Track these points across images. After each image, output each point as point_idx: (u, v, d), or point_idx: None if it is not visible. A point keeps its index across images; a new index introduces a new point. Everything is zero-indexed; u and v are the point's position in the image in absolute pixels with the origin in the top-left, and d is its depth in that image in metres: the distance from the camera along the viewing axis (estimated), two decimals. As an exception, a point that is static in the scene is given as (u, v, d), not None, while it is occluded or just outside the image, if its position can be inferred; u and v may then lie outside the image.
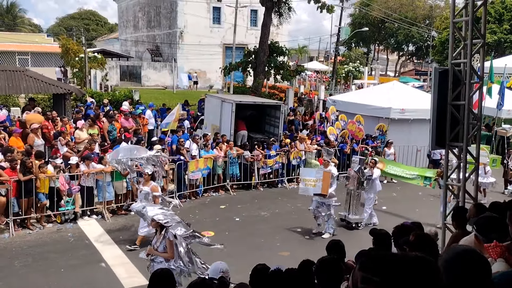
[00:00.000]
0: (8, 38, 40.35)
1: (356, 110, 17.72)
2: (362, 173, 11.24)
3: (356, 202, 11.26)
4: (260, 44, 23.92)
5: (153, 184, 9.42)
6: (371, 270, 1.68)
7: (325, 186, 10.28)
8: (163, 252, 6.55)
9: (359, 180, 11.16)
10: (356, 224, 11.21)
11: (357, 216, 11.27)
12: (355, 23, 53.61)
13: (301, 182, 11.12)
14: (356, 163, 11.58)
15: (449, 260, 2.03)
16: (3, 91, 15.34)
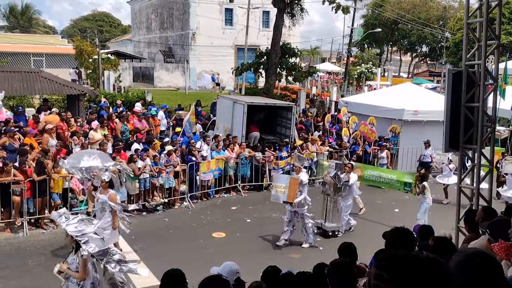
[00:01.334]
0: (23, 40, 40.95)
1: (368, 111, 17.62)
2: (339, 178, 10.70)
3: (332, 209, 10.73)
4: (272, 46, 23.92)
5: (111, 193, 8.56)
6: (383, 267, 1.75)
7: (291, 194, 9.71)
8: (75, 271, 5.81)
9: (335, 186, 10.65)
10: (332, 232, 10.66)
11: (333, 224, 10.73)
12: (368, 24, 53.27)
13: (273, 188, 10.53)
14: (332, 168, 11.03)
15: (460, 263, 2.03)
16: (19, 92, 15.57)
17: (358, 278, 3.63)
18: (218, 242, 10.26)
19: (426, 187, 10.76)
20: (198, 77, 40.29)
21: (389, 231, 4.87)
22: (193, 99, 24.57)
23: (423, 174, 11.07)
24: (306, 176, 10.52)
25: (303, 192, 9.90)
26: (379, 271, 1.76)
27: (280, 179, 10.32)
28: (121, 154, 12.10)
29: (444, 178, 13.87)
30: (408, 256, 1.82)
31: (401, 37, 55.73)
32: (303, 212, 9.92)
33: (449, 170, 13.82)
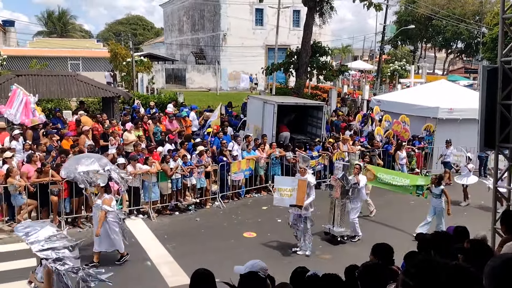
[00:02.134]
0: (61, 44, 42.34)
1: (402, 110, 17.29)
2: (347, 180, 10.15)
3: (340, 213, 10.21)
4: (302, 45, 23.82)
5: (105, 197, 8.70)
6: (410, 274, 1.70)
7: (300, 197, 9.32)
8: (40, 281, 5.63)
9: (343, 188, 10.11)
10: (341, 237, 10.24)
11: (342, 229, 10.24)
12: (401, 20, 52.26)
13: (276, 191, 10.04)
14: (339, 169, 10.46)
15: (496, 268, 1.96)
16: (56, 95, 16.11)
17: (390, 281, 3.57)
18: (249, 242, 10.32)
19: (446, 190, 10.47)
20: (230, 78, 40.57)
21: (429, 235, 4.74)
22: (224, 100, 24.75)
23: (439, 177, 10.69)
24: (313, 178, 10.15)
25: (311, 195, 9.54)
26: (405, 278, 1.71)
27: (284, 181, 9.96)
28: (153, 154, 12.34)
29: (463, 179, 13.47)
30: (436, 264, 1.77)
31: (436, 33, 54.35)
32: (307, 216, 9.52)
33: (467, 170, 13.42)
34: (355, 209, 10.52)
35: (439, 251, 4.19)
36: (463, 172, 13.60)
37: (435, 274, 1.65)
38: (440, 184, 10.40)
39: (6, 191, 10.24)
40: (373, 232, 10.67)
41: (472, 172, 13.47)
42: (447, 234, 4.36)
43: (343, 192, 10.13)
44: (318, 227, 10.41)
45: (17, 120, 12.68)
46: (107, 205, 8.60)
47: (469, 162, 13.62)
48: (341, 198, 10.17)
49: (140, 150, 12.44)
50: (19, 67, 33.53)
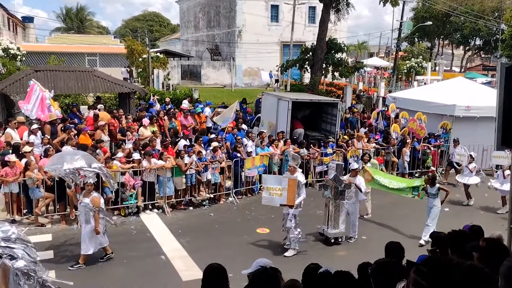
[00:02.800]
0: (78, 40, 42.87)
1: (418, 107, 17.11)
2: (339, 181, 9.83)
3: (335, 214, 9.90)
4: (317, 41, 23.73)
5: (94, 195, 8.52)
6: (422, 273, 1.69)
7: (291, 196, 9.09)
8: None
9: (336, 189, 9.80)
10: (335, 239, 9.95)
11: (336, 230, 9.90)
12: (418, 17, 51.57)
13: (264, 190, 9.72)
14: (332, 169, 10.11)
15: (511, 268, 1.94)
16: (73, 90, 16.33)
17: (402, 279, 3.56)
18: (262, 237, 10.35)
19: (443, 186, 10.33)
20: (245, 74, 40.61)
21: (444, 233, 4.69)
22: (239, 96, 24.81)
23: (432, 176, 10.39)
24: (303, 176, 9.78)
25: (302, 194, 9.32)
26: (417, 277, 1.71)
27: (273, 180, 9.65)
28: (168, 150, 12.44)
29: (464, 178, 13.30)
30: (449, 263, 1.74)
31: (453, 30, 53.56)
32: (294, 213, 9.32)
33: (469, 170, 13.22)
34: (355, 210, 10.38)
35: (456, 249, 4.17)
36: (465, 171, 13.44)
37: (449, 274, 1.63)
38: (435, 183, 10.11)
39: (25, 184, 10.44)
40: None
41: (474, 172, 13.20)
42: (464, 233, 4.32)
43: (336, 193, 9.83)
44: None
45: (33, 115, 12.88)
46: (97, 204, 8.44)
47: (471, 161, 13.34)
48: (335, 199, 9.88)
49: (154, 146, 12.55)
50: (37, 62, 34.04)
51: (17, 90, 15.34)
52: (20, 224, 10.64)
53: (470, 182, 13.14)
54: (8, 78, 16.23)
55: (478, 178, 13.31)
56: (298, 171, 9.50)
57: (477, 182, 13.20)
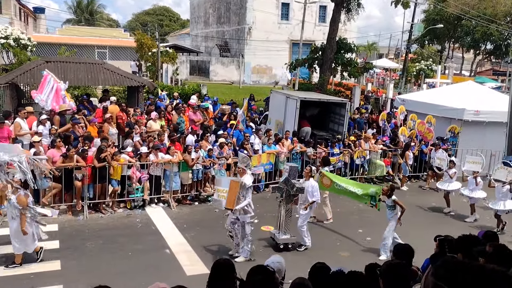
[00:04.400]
0: (88, 32, 43.00)
1: (426, 110, 17.04)
2: (291, 184, 9.30)
3: (285, 219, 9.44)
4: (327, 41, 23.67)
5: (20, 193, 7.95)
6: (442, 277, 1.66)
7: (231, 198, 8.66)
8: None
9: (287, 193, 9.34)
10: (285, 245, 9.43)
11: (286, 236, 9.47)
12: (429, 19, 51.23)
13: (215, 192, 9.43)
14: (286, 171, 9.61)
15: None
16: (83, 82, 16.39)
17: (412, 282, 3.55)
18: (266, 235, 10.35)
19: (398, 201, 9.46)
20: (253, 71, 40.60)
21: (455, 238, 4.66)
22: (246, 93, 24.81)
23: (391, 187, 9.67)
24: (251, 179, 9.05)
25: (247, 197, 8.72)
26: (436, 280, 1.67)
27: (222, 182, 9.26)
28: (175, 144, 12.48)
29: (444, 184, 12.86)
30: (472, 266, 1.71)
31: (464, 33, 53.14)
32: (244, 221, 8.80)
33: (449, 176, 12.79)
34: (303, 216, 9.71)
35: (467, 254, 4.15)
36: (445, 177, 13.04)
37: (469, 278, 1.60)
38: (392, 195, 9.45)
39: (32, 174, 10.49)
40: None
41: (455, 178, 12.76)
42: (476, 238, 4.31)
43: (288, 196, 9.37)
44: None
45: (48, 106, 12.96)
46: (23, 203, 7.89)
47: (451, 167, 12.88)
48: (286, 203, 9.40)
49: (162, 140, 12.60)
50: (48, 53, 34.21)
51: (28, 81, 15.44)
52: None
53: (449, 189, 12.67)
54: (19, 68, 16.32)
55: (459, 184, 12.80)
56: (247, 173, 8.96)
57: (457, 188, 12.65)
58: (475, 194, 12.00)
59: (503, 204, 11.10)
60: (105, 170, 10.90)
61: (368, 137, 15.42)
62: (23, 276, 7.90)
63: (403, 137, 15.94)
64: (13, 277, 7.82)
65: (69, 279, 7.78)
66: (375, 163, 15.04)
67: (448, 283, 1.62)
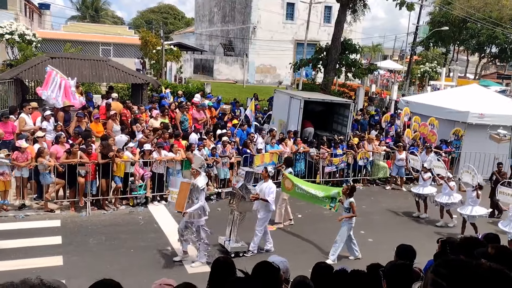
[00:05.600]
0: (93, 29, 43.05)
1: (430, 112, 17.02)
2: (247, 190, 8.75)
3: (239, 226, 8.97)
4: (332, 41, 23.62)
5: None
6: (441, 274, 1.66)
7: (181, 201, 8.22)
8: None
9: (243, 199, 8.82)
10: (236, 253, 8.86)
11: (238, 244, 8.96)
12: (434, 21, 51.08)
13: (169, 193, 9.04)
14: (241, 176, 9.04)
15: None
16: (88, 79, 16.43)
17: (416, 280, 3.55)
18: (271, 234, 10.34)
19: (354, 204, 9.19)
20: (257, 71, 40.56)
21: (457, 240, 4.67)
22: (250, 92, 24.81)
23: (351, 187, 9.39)
24: (204, 181, 8.50)
25: (200, 200, 8.28)
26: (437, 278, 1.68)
27: (176, 183, 8.76)
28: (178, 142, 12.49)
29: (419, 188, 12.37)
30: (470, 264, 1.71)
31: (470, 36, 52.96)
32: (199, 225, 8.38)
33: (423, 180, 12.34)
34: (262, 220, 9.20)
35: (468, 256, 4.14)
36: (420, 181, 12.58)
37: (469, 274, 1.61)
38: (352, 195, 9.16)
39: (36, 169, 10.55)
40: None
41: (429, 181, 12.28)
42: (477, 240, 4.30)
43: (243, 204, 8.83)
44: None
45: (60, 104, 12.96)
46: None
47: (426, 171, 12.40)
48: (240, 210, 8.93)
49: (165, 138, 12.61)
50: (52, 49, 34.26)
51: (32, 76, 15.48)
52: (30, 208, 10.77)
53: (424, 193, 12.22)
54: (24, 64, 16.36)
55: (434, 189, 12.28)
56: (201, 175, 8.48)
57: (431, 192, 12.20)
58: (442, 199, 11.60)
59: (472, 210, 10.72)
60: (109, 167, 10.92)
61: (371, 139, 15.40)
62: (26, 271, 7.90)
63: (408, 139, 15.91)
64: (16, 272, 7.83)
65: (71, 274, 7.80)
66: (378, 165, 15.02)
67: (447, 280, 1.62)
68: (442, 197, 11.63)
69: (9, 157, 10.24)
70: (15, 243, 8.95)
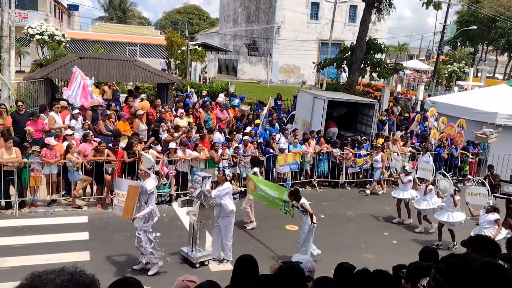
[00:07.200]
0: (120, 30, 43.86)
1: (457, 113, 16.72)
2: (205, 197, 8.32)
3: (200, 235, 8.56)
4: (357, 41, 23.43)
5: None
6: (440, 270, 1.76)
7: (129, 206, 7.70)
8: None
9: (202, 207, 8.38)
10: (201, 263, 8.53)
11: (201, 254, 8.57)
12: (462, 21, 50.05)
13: (115, 196, 8.55)
14: (198, 183, 8.53)
15: None
16: (115, 78, 16.74)
17: None
18: (291, 234, 10.36)
19: (306, 205, 8.80)
20: (281, 71, 40.55)
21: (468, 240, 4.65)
22: (273, 92, 24.83)
23: (295, 191, 9.04)
24: (153, 183, 8.05)
25: (149, 204, 7.85)
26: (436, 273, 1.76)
27: (122, 185, 8.24)
28: (204, 141, 12.62)
29: (399, 192, 11.77)
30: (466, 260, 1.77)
31: (499, 35, 51.66)
32: (146, 229, 7.93)
33: (402, 184, 11.76)
34: (225, 228, 8.71)
35: None
36: (400, 186, 11.99)
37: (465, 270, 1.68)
38: (299, 199, 8.80)
39: (64, 166, 10.83)
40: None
41: (410, 186, 11.71)
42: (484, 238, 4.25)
43: (203, 212, 8.41)
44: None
45: (78, 103, 13.31)
46: None
47: (407, 174, 11.81)
48: (200, 219, 8.45)
49: (190, 137, 12.76)
50: (80, 50, 35.05)
51: (61, 76, 15.88)
52: (58, 205, 11.07)
53: (403, 197, 11.64)
54: (53, 64, 16.80)
55: (415, 192, 11.68)
56: (151, 177, 8.06)
57: (411, 197, 11.59)
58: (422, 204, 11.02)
59: (450, 216, 10.16)
60: (134, 165, 11.12)
61: (396, 139, 15.23)
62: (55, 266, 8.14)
63: (434, 140, 15.67)
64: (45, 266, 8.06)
65: (98, 269, 7.94)
66: (404, 166, 14.82)
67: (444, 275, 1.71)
68: (421, 203, 11.02)
69: (39, 155, 10.55)
70: (44, 238, 9.22)
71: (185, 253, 8.64)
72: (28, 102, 14.60)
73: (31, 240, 9.08)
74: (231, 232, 8.76)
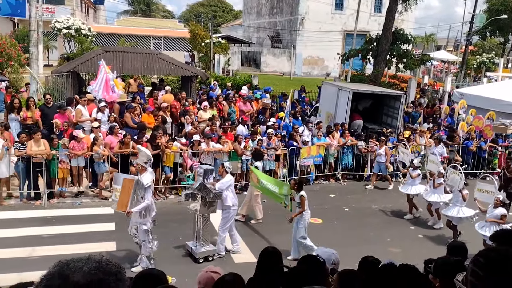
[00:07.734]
0: (145, 23, 44.28)
1: (486, 105, 16.28)
2: (207, 190, 8.14)
3: (203, 229, 8.42)
4: (383, 31, 23.04)
5: None
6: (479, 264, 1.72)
7: (123, 199, 7.52)
8: None
9: (204, 200, 8.22)
10: (205, 258, 8.38)
11: (205, 249, 8.41)
12: (492, 10, 48.52)
13: (113, 191, 8.42)
14: (200, 175, 8.40)
15: None
16: (140, 71, 16.93)
17: None
18: (314, 227, 10.29)
19: (305, 199, 8.55)
20: (304, 63, 40.26)
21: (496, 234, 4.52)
22: (297, 84, 24.67)
23: (299, 181, 8.87)
24: (150, 177, 7.76)
25: (145, 199, 7.57)
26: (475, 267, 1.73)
27: (119, 179, 8.06)
28: (227, 134, 12.65)
29: (408, 187, 11.38)
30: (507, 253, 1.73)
31: (531, 24, 49.99)
32: (143, 225, 7.75)
33: (411, 178, 11.36)
34: (223, 219, 8.68)
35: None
36: (408, 180, 11.65)
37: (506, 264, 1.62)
38: (301, 189, 8.60)
39: (91, 158, 11.03)
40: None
41: (418, 180, 11.37)
42: None
43: (205, 204, 8.25)
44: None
45: (99, 96, 13.51)
46: None
47: (415, 168, 11.43)
48: (202, 211, 8.30)
49: (214, 129, 12.80)
50: (106, 43, 35.57)
51: (88, 69, 16.15)
52: (86, 196, 11.30)
53: (412, 192, 11.27)
54: (80, 57, 17.09)
55: (423, 187, 11.29)
56: (147, 170, 7.79)
57: (420, 192, 11.18)
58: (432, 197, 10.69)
59: (459, 211, 9.74)
60: (159, 158, 11.24)
61: (423, 132, 14.94)
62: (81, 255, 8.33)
63: (462, 132, 15.31)
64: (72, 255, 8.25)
65: (124, 260, 8.13)
66: (432, 160, 14.54)
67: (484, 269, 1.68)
68: (432, 196, 10.71)
69: (67, 147, 10.76)
70: (72, 229, 9.43)
71: (190, 247, 8.57)
72: (55, 95, 14.89)
73: (59, 230, 9.30)
74: (227, 225, 8.63)
